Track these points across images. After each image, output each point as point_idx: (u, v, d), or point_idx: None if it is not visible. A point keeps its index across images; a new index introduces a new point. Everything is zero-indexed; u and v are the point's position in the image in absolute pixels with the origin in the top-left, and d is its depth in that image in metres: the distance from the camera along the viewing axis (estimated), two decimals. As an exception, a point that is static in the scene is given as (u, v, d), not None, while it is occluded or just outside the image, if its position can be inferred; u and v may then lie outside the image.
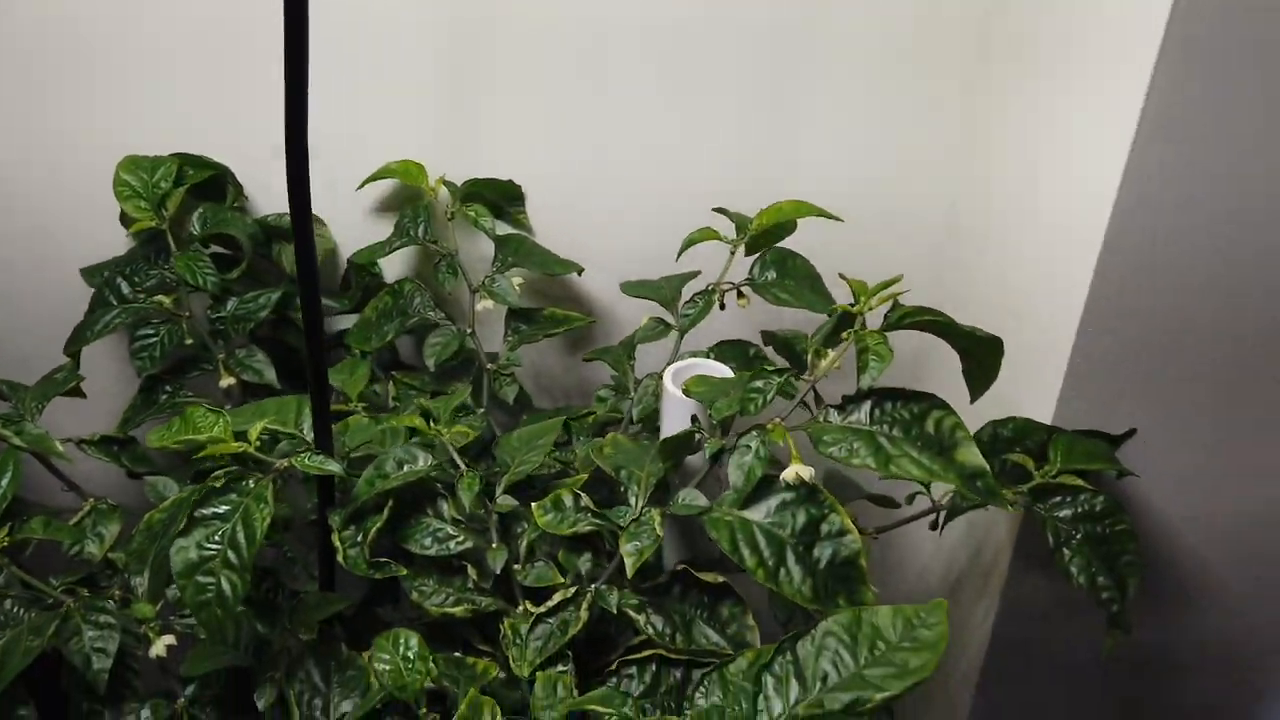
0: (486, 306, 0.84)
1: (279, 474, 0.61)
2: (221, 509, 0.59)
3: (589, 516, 0.62)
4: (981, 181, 0.83)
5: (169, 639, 0.67)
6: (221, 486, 0.59)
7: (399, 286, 0.86)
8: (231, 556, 0.58)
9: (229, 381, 0.84)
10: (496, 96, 0.83)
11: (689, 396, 0.65)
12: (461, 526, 0.66)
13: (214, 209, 0.83)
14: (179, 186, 0.82)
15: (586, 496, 0.64)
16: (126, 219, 0.83)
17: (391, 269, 0.91)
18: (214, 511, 0.59)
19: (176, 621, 0.69)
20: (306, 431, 0.66)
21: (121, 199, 0.81)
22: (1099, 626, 0.69)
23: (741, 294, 0.78)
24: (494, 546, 0.65)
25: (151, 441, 0.62)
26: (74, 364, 0.82)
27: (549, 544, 0.67)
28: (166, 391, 0.85)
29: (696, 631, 0.62)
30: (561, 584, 0.63)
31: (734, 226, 0.77)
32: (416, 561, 0.67)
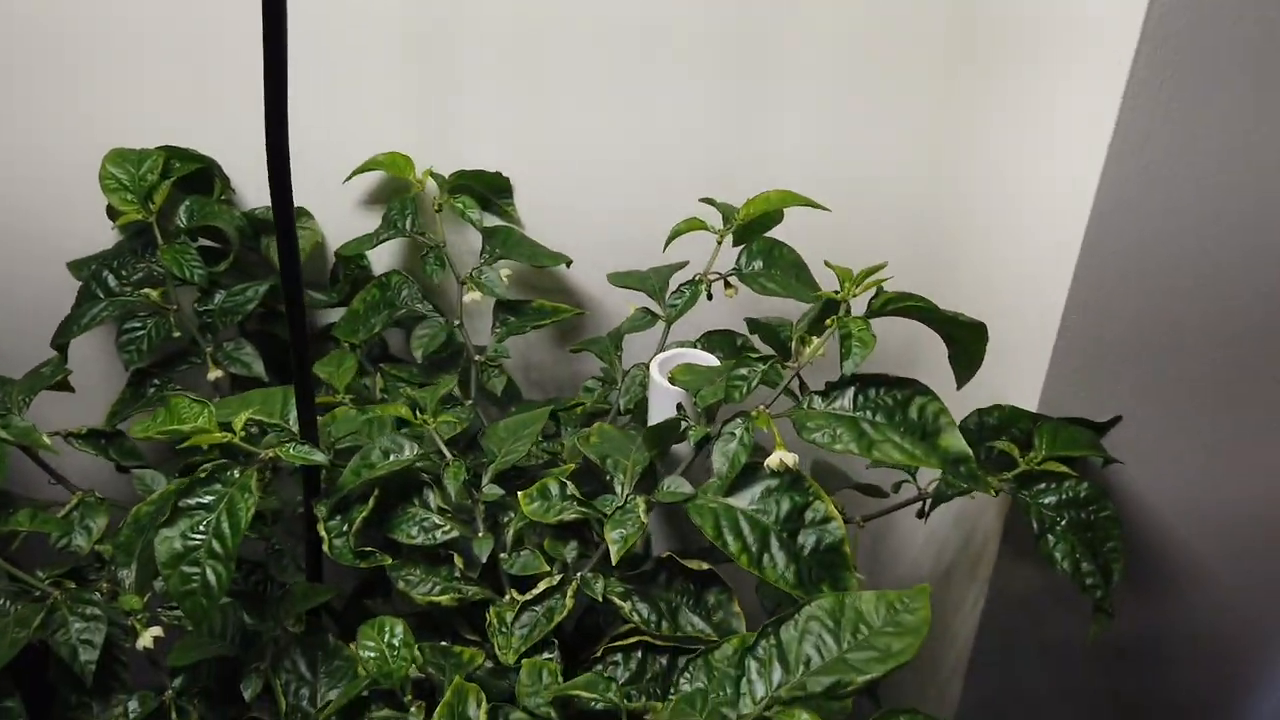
0: (474, 298, 0.84)
1: (264, 464, 0.61)
2: (206, 499, 0.59)
3: (575, 505, 0.62)
4: (967, 172, 0.83)
5: (156, 630, 0.67)
6: (206, 477, 0.59)
7: (386, 279, 0.86)
8: (216, 546, 0.58)
9: (217, 374, 0.84)
10: (483, 89, 0.83)
11: (674, 385, 0.65)
12: (448, 516, 0.66)
13: (201, 201, 0.83)
14: (166, 179, 0.82)
15: (573, 485, 0.64)
16: (113, 212, 0.82)
17: (380, 262, 0.91)
18: (199, 502, 0.59)
19: (164, 613, 0.69)
20: (292, 422, 0.66)
21: (108, 191, 0.80)
22: (1087, 615, 0.69)
23: (729, 284, 0.78)
24: (480, 536, 0.65)
25: (136, 432, 0.62)
26: (61, 357, 0.82)
27: (536, 533, 0.67)
28: (154, 385, 0.85)
29: (683, 619, 0.62)
30: (547, 572, 0.63)
31: (721, 217, 0.77)
32: (403, 551, 0.67)
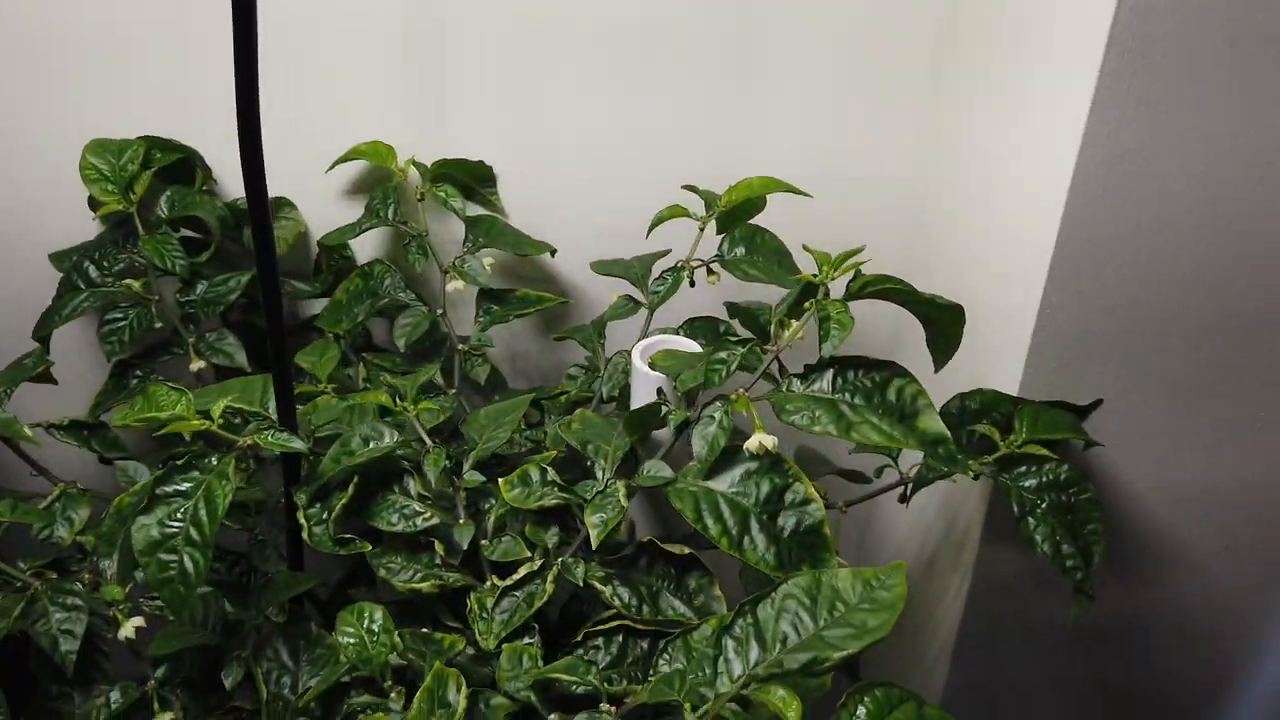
0: (457, 287, 0.83)
1: (242, 451, 0.61)
2: (184, 486, 0.59)
3: (555, 490, 0.62)
4: (947, 159, 0.83)
5: (138, 620, 0.66)
6: (183, 464, 0.59)
7: (369, 268, 0.86)
8: (194, 533, 0.57)
9: (200, 365, 0.83)
10: (466, 79, 0.83)
11: (655, 370, 0.65)
12: (429, 503, 0.66)
13: (182, 192, 0.83)
14: (147, 169, 0.81)
15: (554, 471, 0.64)
16: (94, 202, 0.82)
17: (363, 252, 0.90)
18: (176, 489, 0.58)
19: (146, 604, 0.69)
20: (272, 411, 0.66)
21: (88, 182, 0.80)
22: (1070, 599, 0.69)
23: (711, 271, 0.78)
24: (461, 523, 0.65)
25: (115, 420, 0.62)
26: (43, 349, 0.82)
27: (518, 520, 0.67)
28: (137, 376, 0.85)
29: (664, 602, 0.62)
30: (528, 558, 0.63)
31: (703, 203, 0.77)
32: (384, 539, 0.66)
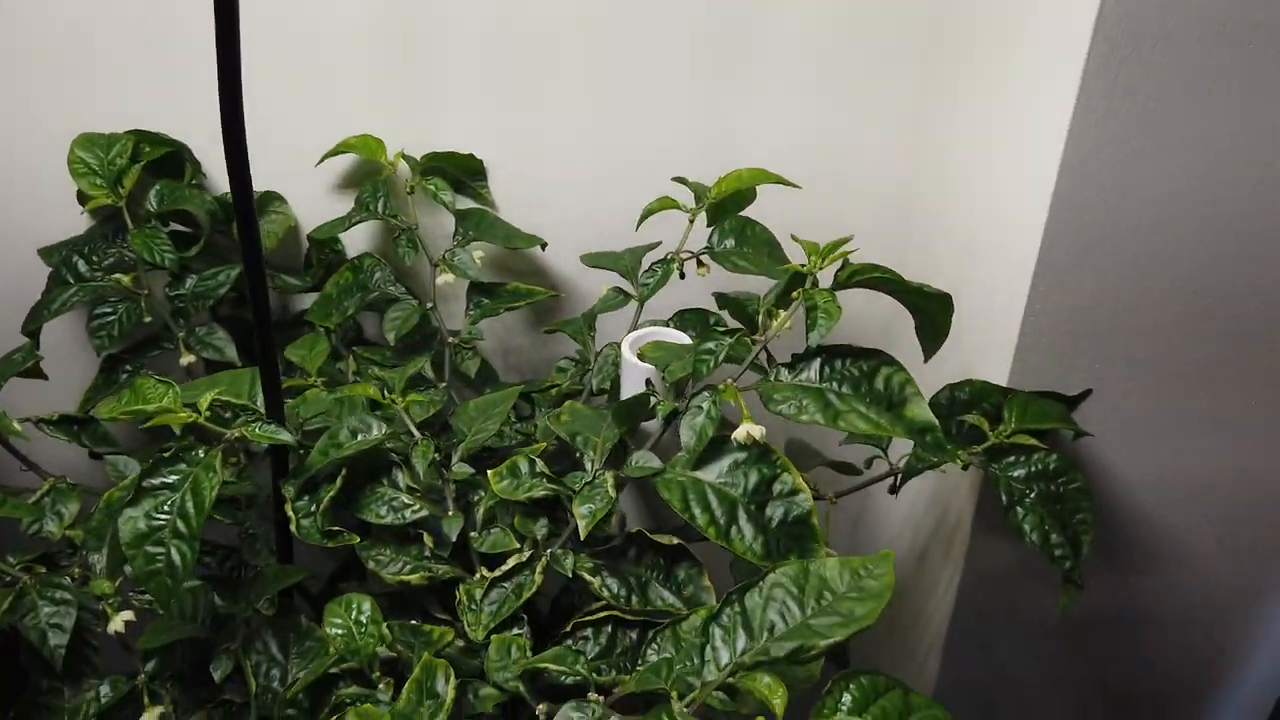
0: (447, 280, 0.83)
1: (229, 444, 0.61)
2: (171, 479, 0.58)
3: (544, 482, 0.62)
4: (935, 151, 0.83)
5: (127, 614, 0.66)
6: (170, 457, 0.59)
7: (359, 262, 0.86)
8: (180, 526, 0.57)
9: (190, 359, 0.83)
10: (455, 71, 0.83)
11: (644, 361, 0.65)
12: (417, 496, 0.66)
13: (171, 186, 0.83)
14: (135, 163, 0.81)
15: (543, 462, 0.64)
16: (83, 197, 0.82)
17: (354, 245, 0.90)
18: (163, 481, 0.58)
19: (135, 598, 0.69)
20: (260, 403, 0.66)
21: (77, 176, 0.80)
22: (1060, 589, 0.69)
23: (701, 262, 0.78)
24: (450, 515, 0.65)
25: (101, 413, 0.62)
26: (33, 344, 0.82)
27: (507, 512, 0.66)
28: (127, 370, 0.84)
29: (653, 593, 0.62)
30: (517, 549, 0.63)
31: (693, 196, 0.76)
32: (373, 532, 0.66)
